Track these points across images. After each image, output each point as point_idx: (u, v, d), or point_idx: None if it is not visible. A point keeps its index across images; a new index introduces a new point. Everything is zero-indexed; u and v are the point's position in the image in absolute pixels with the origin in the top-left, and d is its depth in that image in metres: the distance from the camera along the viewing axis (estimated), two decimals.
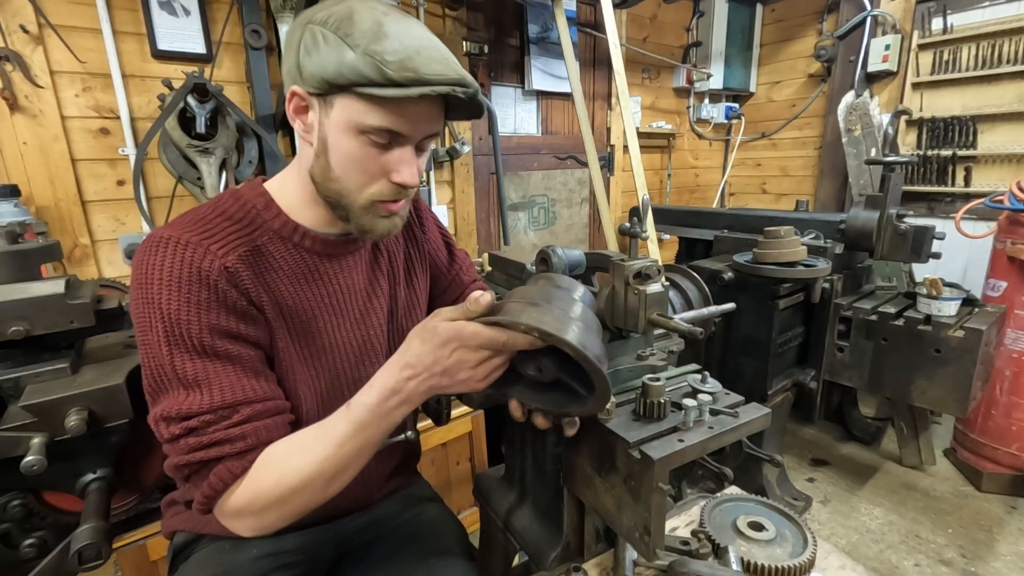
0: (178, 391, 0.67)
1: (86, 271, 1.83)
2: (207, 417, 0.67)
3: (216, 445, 0.67)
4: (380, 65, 0.63)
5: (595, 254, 0.90)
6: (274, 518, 0.69)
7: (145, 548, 1.31)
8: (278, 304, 0.76)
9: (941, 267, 2.50)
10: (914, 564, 1.86)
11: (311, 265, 0.80)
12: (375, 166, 0.72)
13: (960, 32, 2.82)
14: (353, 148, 0.70)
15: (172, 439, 0.67)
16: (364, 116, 0.68)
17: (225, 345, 0.69)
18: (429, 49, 0.67)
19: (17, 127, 1.66)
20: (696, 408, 0.71)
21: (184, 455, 0.67)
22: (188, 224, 0.72)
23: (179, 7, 1.86)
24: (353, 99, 0.67)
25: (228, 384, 0.68)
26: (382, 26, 0.65)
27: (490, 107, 2.41)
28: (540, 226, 3.24)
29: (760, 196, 4.01)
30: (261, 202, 0.78)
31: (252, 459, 0.68)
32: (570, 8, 2.93)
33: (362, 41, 0.64)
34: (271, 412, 0.72)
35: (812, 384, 2.02)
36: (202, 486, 0.68)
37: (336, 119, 0.69)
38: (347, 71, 0.64)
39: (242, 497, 0.68)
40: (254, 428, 0.69)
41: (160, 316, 0.66)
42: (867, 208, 1.96)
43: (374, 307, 0.88)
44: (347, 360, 0.84)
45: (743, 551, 0.83)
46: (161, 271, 0.67)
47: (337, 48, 0.65)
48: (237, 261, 0.71)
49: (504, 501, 1.04)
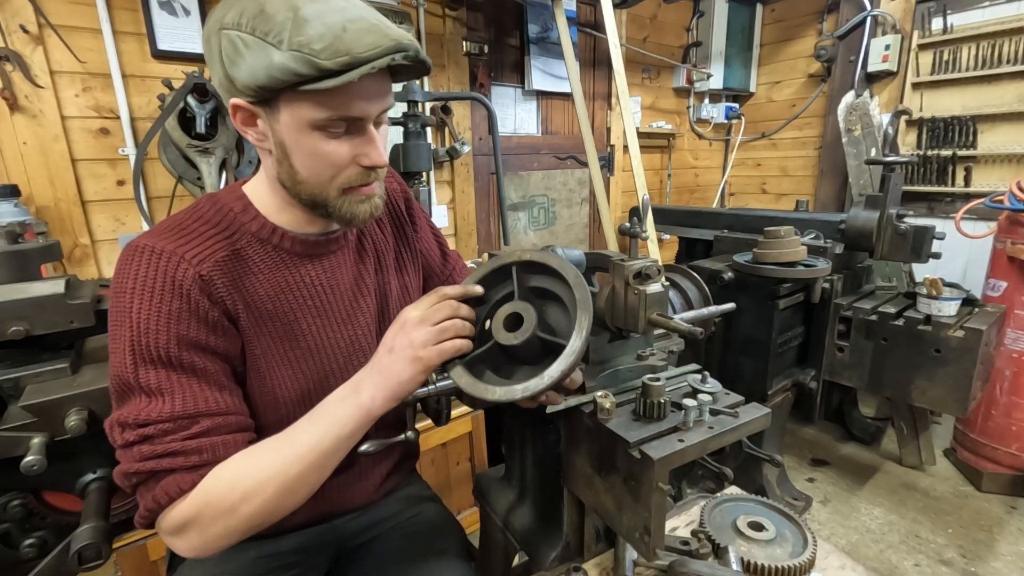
0: (139, 398, 0.66)
1: (86, 271, 1.83)
2: (165, 426, 0.65)
3: (169, 456, 0.65)
4: (310, 58, 0.59)
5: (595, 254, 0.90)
6: (218, 534, 0.66)
7: (145, 548, 1.31)
8: (257, 308, 0.75)
9: (941, 267, 2.50)
10: (914, 564, 1.86)
11: (291, 267, 0.79)
12: (339, 156, 0.70)
13: (960, 32, 2.82)
14: (313, 145, 0.68)
15: (125, 445, 0.65)
16: (313, 112, 0.65)
17: (191, 357, 0.68)
18: (355, 21, 0.62)
19: (17, 127, 1.66)
20: (696, 408, 0.71)
21: (135, 463, 0.65)
22: (165, 231, 0.71)
23: (179, 7, 1.86)
24: (297, 98, 0.64)
25: (191, 395, 0.67)
26: (298, 10, 0.61)
27: (490, 107, 2.40)
28: (540, 226, 3.24)
29: (760, 196, 4.01)
30: (239, 205, 0.77)
31: (203, 474, 0.66)
32: (570, 8, 2.93)
33: (283, 35, 0.60)
34: (231, 428, 0.70)
35: (812, 384, 2.02)
36: (146, 497, 0.65)
37: (287, 122, 0.67)
38: (279, 73, 0.60)
39: (188, 509, 0.65)
40: (211, 443, 0.67)
41: (129, 325, 0.66)
42: (867, 208, 1.96)
43: (361, 307, 0.87)
44: (335, 361, 0.83)
45: (743, 551, 0.83)
46: (135, 280, 0.67)
47: (260, 51, 0.61)
48: (213, 268, 0.70)
49: (504, 501, 1.04)
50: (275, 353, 0.77)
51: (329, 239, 0.83)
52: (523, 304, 0.67)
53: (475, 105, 2.69)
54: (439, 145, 2.62)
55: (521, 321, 0.66)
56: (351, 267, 0.87)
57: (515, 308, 0.67)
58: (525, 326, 0.65)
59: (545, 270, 0.69)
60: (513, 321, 0.67)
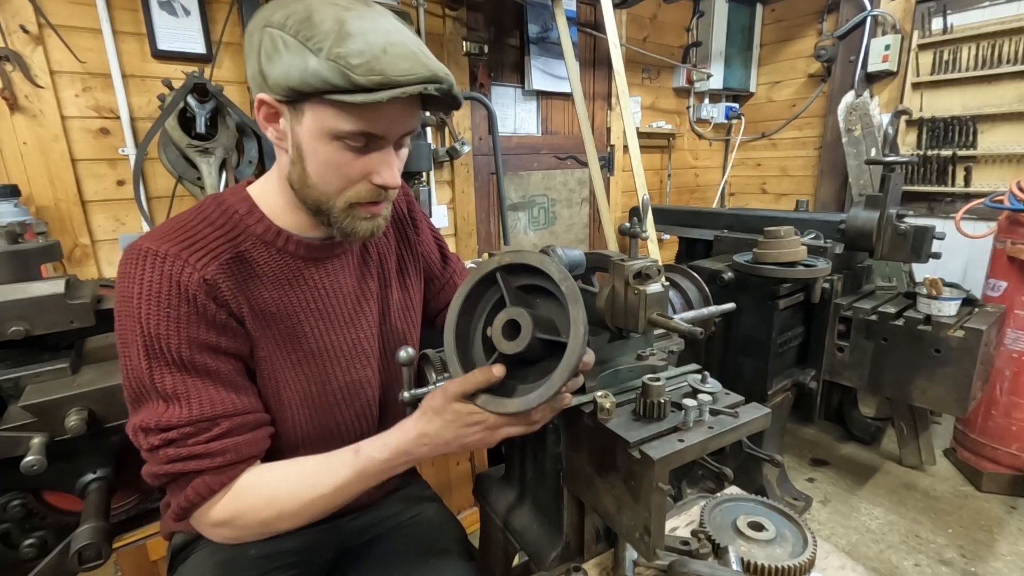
0: (157, 403, 0.68)
1: (86, 271, 1.83)
2: (186, 429, 0.67)
3: (195, 459, 0.68)
4: (345, 71, 0.60)
5: (595, 254, 0.90)
6: (252, 534, 0.73)
7: (145, 548, 1.31)
8: (261, 311, 0.76)
9: (941, 267, 2.50)
10: (914, 564, 1.86)
11: (295, 269, 0.79)
12: (354, 170, 0.70)
13: (960, 32, 2.82)
14: (329, 154, 0.68)
15: (151, 449, 0.68)
16: (337, 122, 0.65)
17: (204, 359, 0.69)
18: (397, 46, 0.63)
19: (17, 127, 1.66)
20: (696, 408, 0.71)
21: (163, 465, 0.68)
22: (169, 233, 0.71)
23: (179, 7, 1.86)
24: (323, 106, 0.65)
25: (207, 397, 0.69)
26: (344, 24, 0.62)
27: (490, 107, 2.40)
28: (540, 226, 3.24)
29: (760, 196, 4.01)
30: (244, 207, 0.77)
31: (232, 474, 0.70)
32: (570, 8, 2.93)
33: (324, 44, 0.61)
34: (251, 426, 0.73)
35: (812, 384, 2.02)
36: (179, 497, 0.69)
37: (309, 126, 0.67)
38: (312, 79, 0.61)
39: (225, 511, 0.70)
40: (234, 443, 0.70)
41: (140, 330, 0.67)
42: (867, 208, 1.96)
43: (364, 310, 0.88)
44: (338, 364, 0.84)
45: (743, 551, 0.83)
46: (140, 284, 0.67)
47: (299, 54, 0.62)
48: (217, 270, 0.71)
49: (504, 501, 1.04)
50: (279, 355, 0.78)
51: (332, 243, 0.83)
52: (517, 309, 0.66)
53: (475, 105, 2.69)
54: (439, 145, 2.62)
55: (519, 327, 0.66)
56: (354, 271, 0.87)
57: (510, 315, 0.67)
58: (523, 333, 0.64)
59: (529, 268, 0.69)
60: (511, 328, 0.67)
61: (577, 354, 0.61)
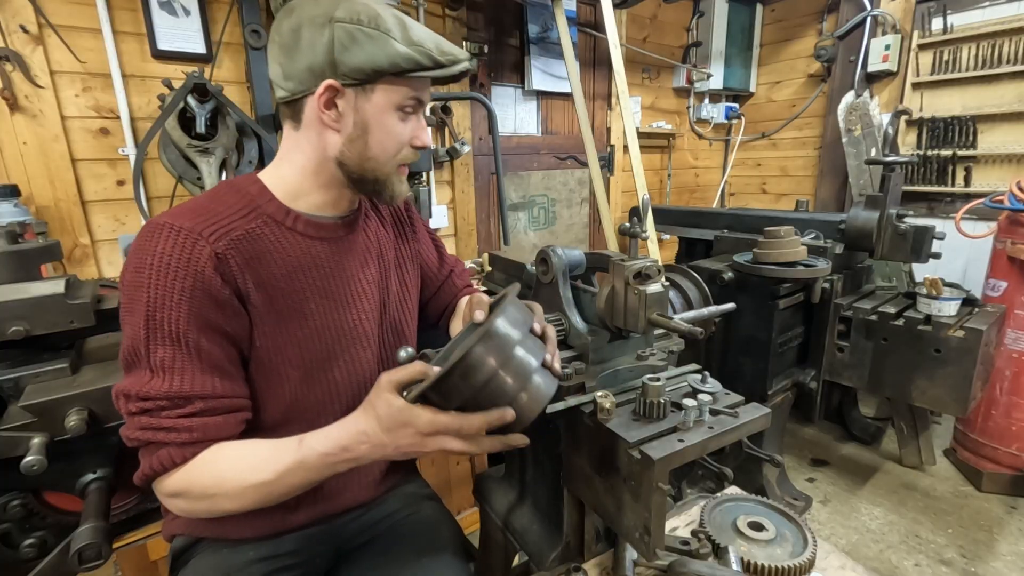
0: (144, 372, 0.71)
1: (86, 271, 1.83)
2: (162, 403, 0.71)
3: (163, 431, 0.71)
4: (429, 52, 0.76)
5: (595, 254, 0.90)
6: (202, 510, 0.75)
7: (145, 548, 1.31)
8: (269, 286, 0.79)
9: (941, 267, 2.50)
10: (914, 564, 1.86)
11: (303, 248, 0.83)
12: (404, 135, 0.82)
13: (960, 32, 2.82)
14: (391, 123, 0.80)
15: (129, 414, 0.73)
16: (405, 95, 0.79)
17: (199, 338, 0.72)
18: (439, 40, 0.79)
19: (17, 127, 1.66)
20: (696, 408, 0.71)
21: (137, 430, 0.72)
22: (185, 211, 0.76)
23: (179, 7, 1.86)
24: (398, 82, 0.77)
25: (189, 377, 0.72)
26: (404, 20, 0.76)
27: (490, 107, 2.40)
28: (540, 226, 3.24)
29: (760, 196, 4.01)
30: (255, 188, 0.82)
31: (195, 451, 0.73)
32: (570, 8, 2.93)
33: (399, 35, 0.74)
34: (224, 410, 0.75)
35: (812, 384, 2.02)
36: (144, 463, 0.73)
37: (378, 102, 0.77)
38: (401, 61, 0.74)
39: (179, 482, 0.73)
40: (202, 423, 0.73)
41: (146, 299, 0.70)
42: (867, 208, 1.96)
43: (365, 293, 0.91)
44: (338, 343, 0.86)
45: (743, 551, 0.83)
46: (153, 256, 0.71)
47: (383, 42, 0.73)
48: (228, 246, 0.75)
49: (504, 501, 1.04)
50: (282, 332, 0.80)
51: (339, 224, 0.87)
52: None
53: (475, 105, 2.69)
54: (439, 145, 2.62)
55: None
56: (358, 254, 0.90)
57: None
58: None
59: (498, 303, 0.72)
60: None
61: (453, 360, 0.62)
